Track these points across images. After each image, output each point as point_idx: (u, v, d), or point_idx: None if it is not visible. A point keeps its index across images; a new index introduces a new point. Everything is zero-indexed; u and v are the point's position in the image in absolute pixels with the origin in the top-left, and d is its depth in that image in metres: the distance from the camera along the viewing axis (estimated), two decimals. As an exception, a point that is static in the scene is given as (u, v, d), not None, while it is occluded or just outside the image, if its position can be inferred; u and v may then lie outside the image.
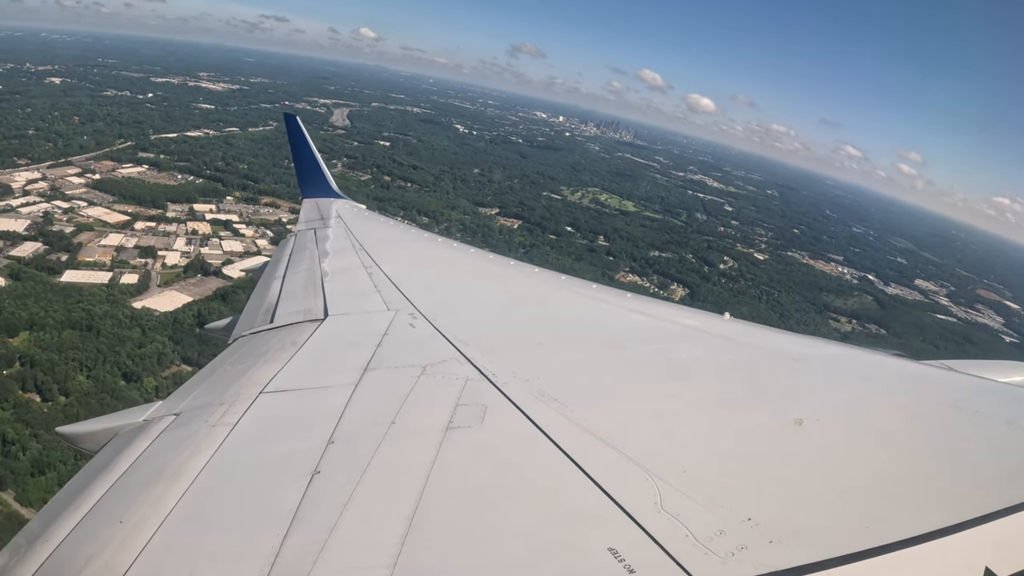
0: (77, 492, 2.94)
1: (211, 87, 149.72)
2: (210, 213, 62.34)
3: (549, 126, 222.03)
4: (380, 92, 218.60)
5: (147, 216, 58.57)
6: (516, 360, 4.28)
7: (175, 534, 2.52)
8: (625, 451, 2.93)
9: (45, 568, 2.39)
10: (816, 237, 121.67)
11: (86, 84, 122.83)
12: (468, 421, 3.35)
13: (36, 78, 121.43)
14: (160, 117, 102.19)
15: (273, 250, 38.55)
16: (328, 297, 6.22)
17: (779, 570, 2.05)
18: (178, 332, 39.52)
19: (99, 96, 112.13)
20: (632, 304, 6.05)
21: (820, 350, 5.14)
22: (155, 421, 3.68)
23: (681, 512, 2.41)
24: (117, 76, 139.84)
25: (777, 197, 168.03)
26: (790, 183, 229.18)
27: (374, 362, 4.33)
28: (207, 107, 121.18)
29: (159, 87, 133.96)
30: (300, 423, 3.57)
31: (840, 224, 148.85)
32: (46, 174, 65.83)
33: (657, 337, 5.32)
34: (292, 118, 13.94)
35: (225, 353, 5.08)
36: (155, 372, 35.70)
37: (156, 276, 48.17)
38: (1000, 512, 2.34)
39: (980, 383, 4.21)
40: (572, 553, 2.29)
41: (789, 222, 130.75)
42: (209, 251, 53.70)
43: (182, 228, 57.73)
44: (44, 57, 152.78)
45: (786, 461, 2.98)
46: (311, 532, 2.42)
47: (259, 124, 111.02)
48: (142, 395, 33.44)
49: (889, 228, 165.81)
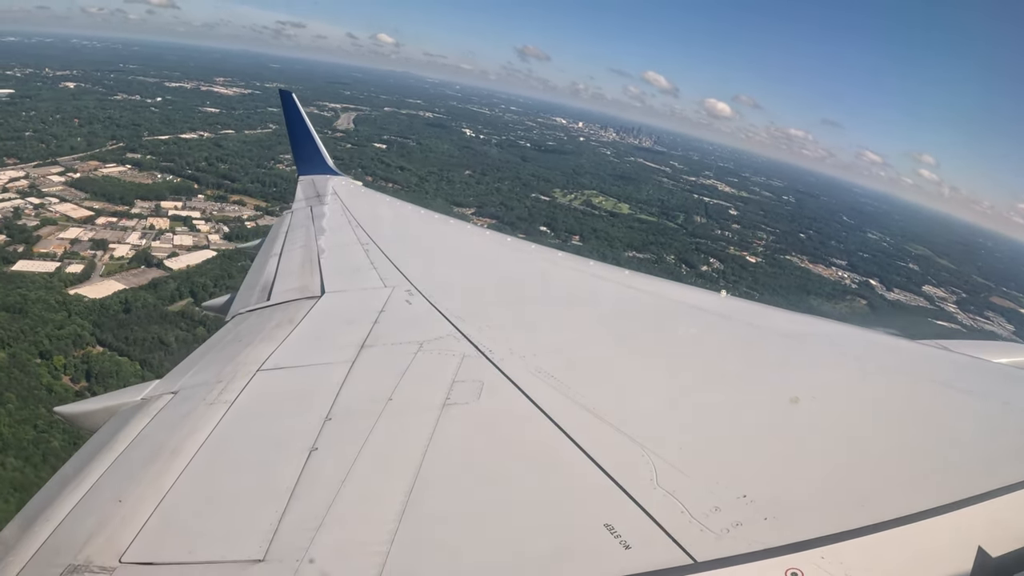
0: (77, 471, 2.96)
1: (223, 91, 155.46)
2: (174, 210, 65.65)
3: (566, 131, 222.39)
4: (396, 97, 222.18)
5: (112, 212, 62.20)
6: (513, 337, 4.35)
7: (174, 512, 2.56)
8: (622, 428, 2.98)
9: (46, 547, 2.40)
10: (823, 242, 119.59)
11: (98, 88, 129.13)
12: (465, 398, 3.39)
13: (52, 82, 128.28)
14: (159, 120, 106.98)
15: (223, 245, 42.13)
16: (325, 274, 6.30)
17: (774, 547, 2.11)
18: (102, 317, 42.67)
19: (107, 100, 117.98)
20: (630, 281, 6.15)
21: (817, 328, 5.21)
22: (153, 399, 3.73)
23: (677, 489, 2.47)
24: (132, 81, 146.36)
25: (792, 203, 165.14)
26: (812, 189, 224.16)
27: (371, 339, 4.38)
28: (212, 111, 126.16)
29: (170, 91, 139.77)
30: (297, 400, 3.62)
31: (855, 230, 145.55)
32: (30, 173, 70.23)
33: (655, 314, 5.43)
34: (288, 94, 13.85)
35: (223, 331, 5.18)
36: (68, 352, 38.77)
37: (101, 267, 51.35)
38: (994, 492, 2.40)
39: (975, 363, 4.27)
40: (569, 529, 2.34)
41: (797, 227, 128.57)
42: (160, 244, 56.78)
43: (142, 223, 61.09)
44: (65, 62, 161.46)
45: (781, 439, 3.06)
46: (309, 508, 2.46)
47: (256, 127, 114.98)
48: (49, 371, 36.65)
49: (908, 234, 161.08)
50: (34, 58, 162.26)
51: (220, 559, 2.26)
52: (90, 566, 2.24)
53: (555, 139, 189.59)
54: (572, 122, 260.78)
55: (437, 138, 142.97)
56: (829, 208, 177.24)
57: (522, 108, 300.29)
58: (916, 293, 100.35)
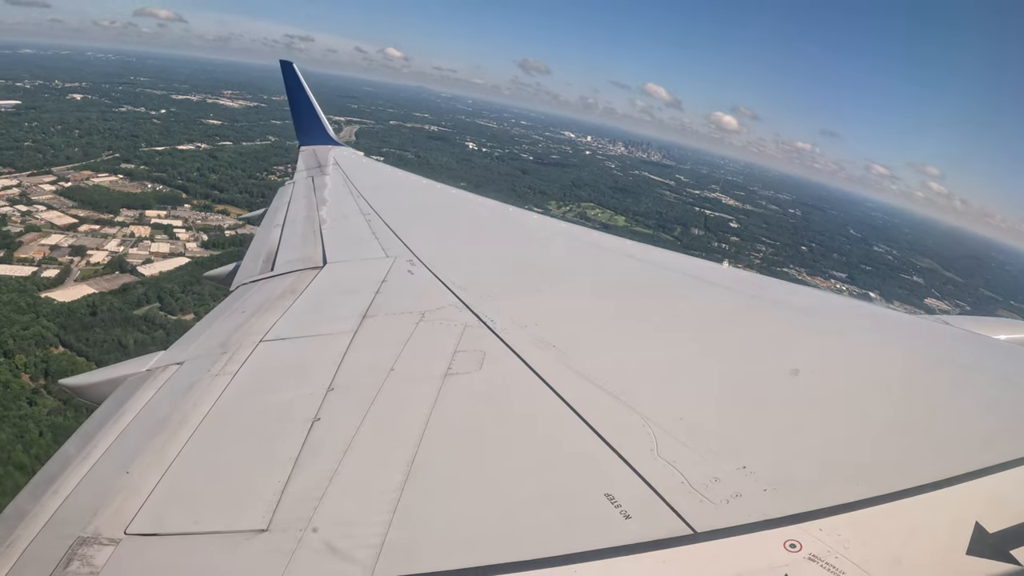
0: (84, 442, 2.97)
1: (229, 104, 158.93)
2: (158, 218, 67.62)
3: (573, 145, 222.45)
4: (404, 111, 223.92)
5: (96, 220, 64.21)
6: (514, 306, 4.39)
7: (179, 483, 2.59)
8: (622, 398, 3.02)
9: (54, 520, 2.41)
10: (824, 255, 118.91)
11: (104, 100, 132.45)
12: (466, 367, 3.43)
13: (60, 94, 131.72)
14: (158, 132, 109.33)
15: (199, 253, 43.71)
16: (326, 245, 6.34)
17: (772, 518, 2.16)
18: (69, 319, 44.47)
19: (111, 112, 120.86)
20: (633, 251, 6.21)
21: (819, 301, 5.26)
22: (159, 370, 3.75)
23: (677, 459, 2.50)
24: (139, 93, 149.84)
25: (798, 216, 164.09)
26: (822, 203, 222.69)
27: (372, 309, 4.41)
28: (215, 123, 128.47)
29: (176, 104, 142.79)
30: (300, 371, 3.64)
31: (860, 243, 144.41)
32: (23, 181, 72.68)
33: (657, 284, 5.46)
34: (289, 65, 14.07)
35: (227, 301, 5.22)
36: (29, 351, 40.47)
37: (76, 272, 52.99)
38: (992, 468, 2.44)
39: (976, 338, 4.32)
40: (569, 498, 2.36)
41: (799, 239, 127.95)
42: (137, 251, 58.41)
43: (124, 231, 62.93)
44: (76, 74, 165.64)
45: (782, 411, 3.10)
46: (312, 479, 2.49)
47: (255, 139, 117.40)
48: (10, 369, 38.11)
49: (916, 248, 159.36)
50: (46, 70, 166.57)
51: (224, 529, 2.28)
52: (99, 538, 2.25)
53: (560, 152, 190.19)
54: (581, 136, 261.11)
55: (438, 151, 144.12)
56: (836, 221, 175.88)
57: (532, 122, 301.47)
58: (917, 306, 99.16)
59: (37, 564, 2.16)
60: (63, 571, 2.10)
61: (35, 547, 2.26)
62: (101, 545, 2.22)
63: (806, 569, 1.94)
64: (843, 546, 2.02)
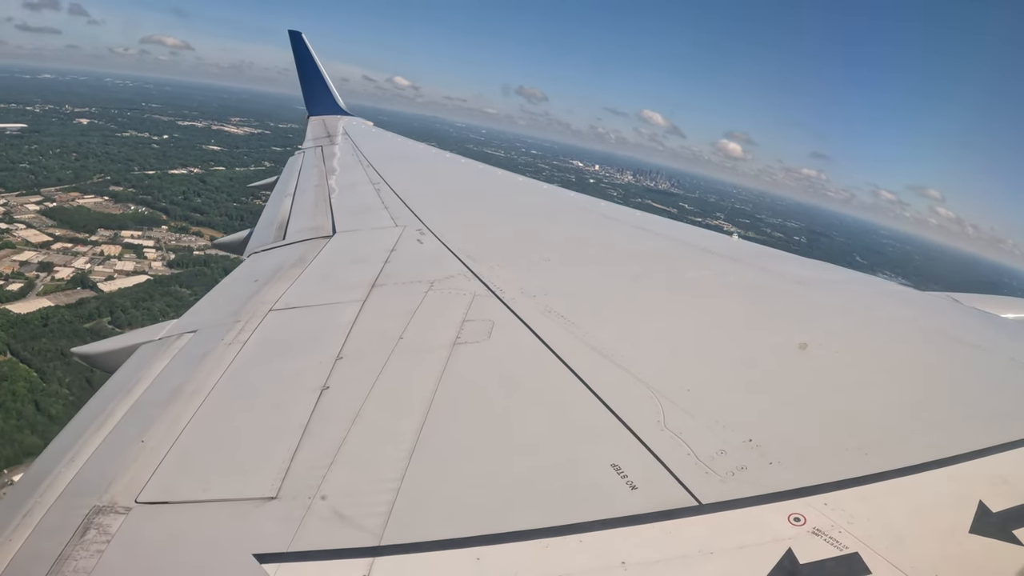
0: (99, 410, 3.01)
1: (233, 131, 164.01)
2: (131, 238, 71.04)
3: (579, 174, 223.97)
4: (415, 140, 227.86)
5: (70, 239, 67.74)
6: (523, 276, 4.43)
7: (189, 451, 2.62)
8: (630, 369, 3.08)
9: (71, 488, 2.44)
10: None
11: (110, 125, 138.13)
12: (475, 337, 3.48)
13: (68, 118, 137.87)
14: (154, 156, 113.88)
15: (163, 271, 46.99)
16: (336, 214, 6.40)
17: (778, 491, 2.18)
18: (21, 330, 47.42)
19: (113, 136, 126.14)
20: (642, 222, 6.29)
21: (828, 275, 5.23)
22: (173, 338, 3.82)
23: (683, 431, 2.54)
24: (146, 119, 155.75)
25: (802, 243, 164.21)
26: (830, 230, 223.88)
27: (382, 278, 4.45)
28: (214, 148, 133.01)
29: (180, 129, 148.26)
30: (309, 339, 3.68)
31: (865, 270, 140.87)
32: (10, 201, 76.81)
33: (665, 256, 5.52)
34: (298, 35, 14.26)
35: (239, 269, 5.27)
36: (-24, 358, 43.64)
37: (40, 286, 56.13)
38: (997, 447, 2.49)
39: (985, 317, 4.36)
40: (576, 468, 2.40)
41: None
42: (102, 269, 61.52)
43: (95, 250, 66.36)
44: (88, 100, 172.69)
45: (788, 384, 3.15)
46: (321, 446, 2.53)
47: (250, 165, 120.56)
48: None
49: (924, 274, 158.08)
50: (61, 95, 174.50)
51: (234, 497, 2.30)
52: (115, 507, 2.27)
53: (562, 181, 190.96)
54: (589, 165, 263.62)
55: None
56: (843, 248, 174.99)
57: (542, 151, 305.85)
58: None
59: (54, 533, 2.17)
60: (80, 540, 2.12)
61: (52, 516, 2.28)
62: (117, 514, 2.23)
63: (810, 543, 1.96)
64: (847, 521, 2.04)
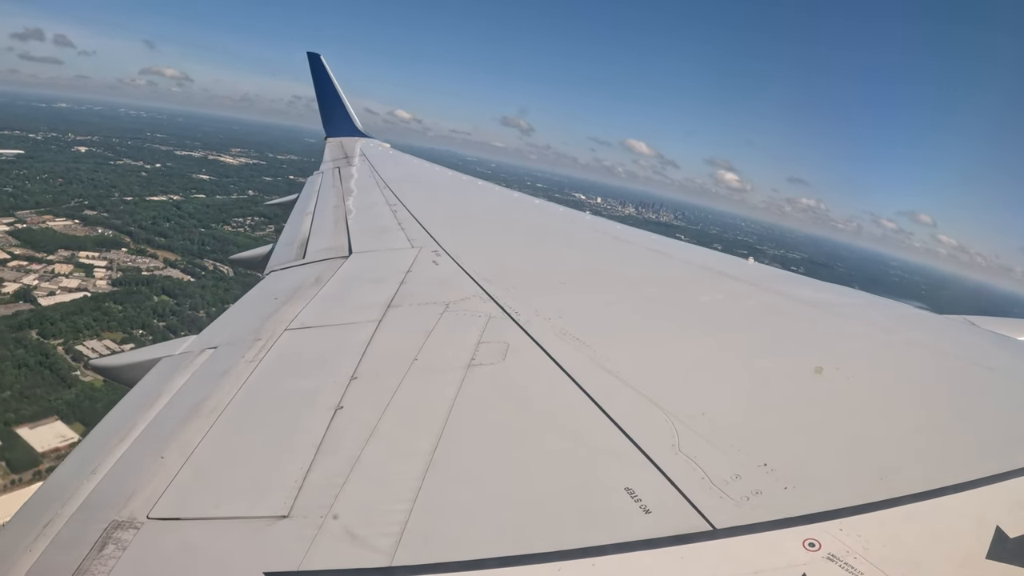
0: (120, 423, 3.07)
1: (228, 160, 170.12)
2: (87, 259, 76.33)
3: (579, 206, 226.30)
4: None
5: (28, 257, 73.34)
6: (539, 298, 4.55)
7: (203, 468, 2.66)
8: (645, 392, 3.13)
9: (90, 500, 2.47)
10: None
11: (107, 153, 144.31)
12: (490, 359, 3.53)
13: (67, 146, 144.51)
14: (138, 184, 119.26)
15: (106, 289, 54.17)
16: (352, 234, 6.59)
17: (792, 516, 2.18)
18: (-42, 341, 52.96)
19: (106, 164, 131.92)
20: (657, 245, 6.44)
21: (843, 299, 5.33)
22: (193, 354, 3.90)
23: (698, 455, 2.56)
24: (145, 148, 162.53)
25: (800, 273, 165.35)
26: (834, 261, 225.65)
27: (397, 299, 4.57)
28: (204, 177, 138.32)
29: (175, 159, 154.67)
30: (324, 359, 3.75)
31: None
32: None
33: (680, 279, 5.68)
34: (316, 57, 14.51)
35: (259, 287, 5.43)
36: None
37: (-17, 300, 61.62)
38: (1015, 472, 2.49)
39: (1002, 340, 4.49)
40: (590, 491, 2.42)
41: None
42: (48, 285, 66.48)
43: (47, 268, 71.79)
44: (92, 128, 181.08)
45: (804, 409, 3.19)
46: (334, 466, 2.56)
47: (232, 193, 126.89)
48: None
49: (930, 303, 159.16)
50: (68, 123, 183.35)
51: (246, 514, 2.34)
52: (134, 522, 2.30)
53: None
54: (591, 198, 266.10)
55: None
56: (843, 279, 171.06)
57: (548, 184, 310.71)
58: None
59: (73, 546, 2.20)
60: (98, 554, 2.15)
61: (69, 529, 2.31)
62: (135, 529, 2.27)
63: (824, 569, 1.96)
64: (862, 547, 2.04)
